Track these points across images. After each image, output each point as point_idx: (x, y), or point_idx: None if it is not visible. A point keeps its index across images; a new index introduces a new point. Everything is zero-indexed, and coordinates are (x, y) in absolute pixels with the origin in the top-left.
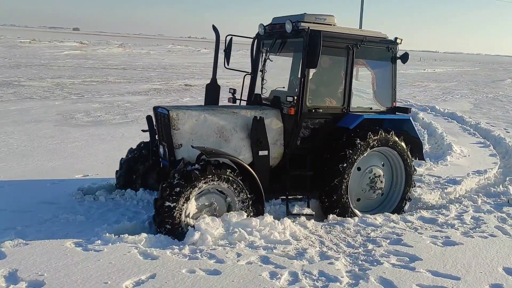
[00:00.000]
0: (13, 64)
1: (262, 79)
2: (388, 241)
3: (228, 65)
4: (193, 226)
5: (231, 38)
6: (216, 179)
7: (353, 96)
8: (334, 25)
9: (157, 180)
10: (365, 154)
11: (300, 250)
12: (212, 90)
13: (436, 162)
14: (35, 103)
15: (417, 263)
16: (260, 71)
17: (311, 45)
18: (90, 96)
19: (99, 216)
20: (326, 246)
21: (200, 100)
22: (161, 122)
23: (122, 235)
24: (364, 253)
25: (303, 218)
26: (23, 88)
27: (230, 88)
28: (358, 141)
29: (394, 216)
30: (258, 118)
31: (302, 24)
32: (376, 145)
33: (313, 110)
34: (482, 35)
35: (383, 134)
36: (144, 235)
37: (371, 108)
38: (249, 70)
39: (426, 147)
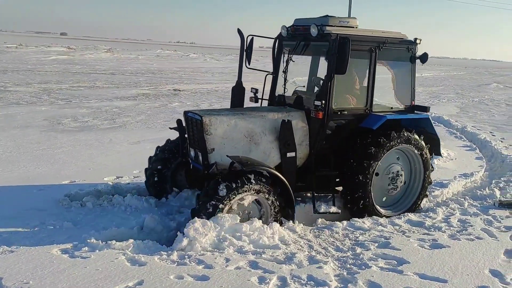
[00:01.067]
0: None
1: (285, 79)
2: (376, 244)
3: (249, 64)
4: (182, 232)
5: (252, 38)
6: (257, 189)
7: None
8: (356, 27)
9: (186, 180)
10: (388, 152)
11: (289, 255)
12: (238, 93)
13: None
14: (21, 108)
15: (405, 266)
16: (283, 71)
17: (341, 52)
18: (78, 101)
19: (87, 222)
20: (314, 250)
21: (189, 105)
22: (192, 126)
23: (110, 242)
24: (352, 256)
25: (291, 223)
26: (10, 93)
27: (252, 88)
28: (382, 140)
29: (382, 220)
30: (286, 121)
31: (327, 28)
32: (399, 143)
33: (339, 112)
34: (468, 40)
35: (405, 133)
36: (131, 241)
37: (391, 108)
38: (269, 70)
39: None
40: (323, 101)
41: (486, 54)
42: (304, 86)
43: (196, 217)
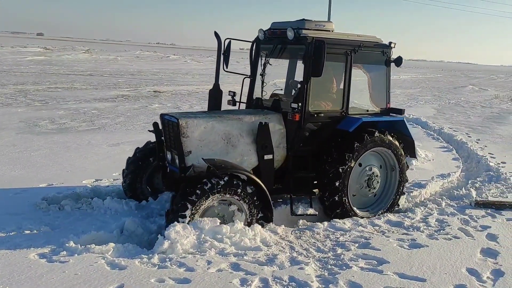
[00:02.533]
0: None
1: (262, 82)
2: (357, 245)
3: (227, 68)
4: (163, 235)
5: (230, 41)
6: (229, 191)
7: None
8: (332, 30)
9: (163, 183)
10: (363, 155)
11: (271, 256)
12: (215, 95)
13: None
14: None
15: (385, 266)
16: (260, 74)
17: (316, 55)
18: (55, 103)
19: (65, 226)
20: (296, 252)
21: (169, 106)
22: (169, 129)
23: (89, 246)
24: (333, 257)
25: (273, 225)
26: None
27: (229, 91)
28: (356, 144)
29: (362, 220)
30: (263, 123)
31: (304, 31)
32: (373, 146)
33: (315, 115)
34: (444, 42)
35: (378, 135)
36: (112, 245)
37: (367, 110)
38: (247, 74)
39: None
40: (300, 104)
41: (461, 57)
42: (281, 89)
43: (174, 221)
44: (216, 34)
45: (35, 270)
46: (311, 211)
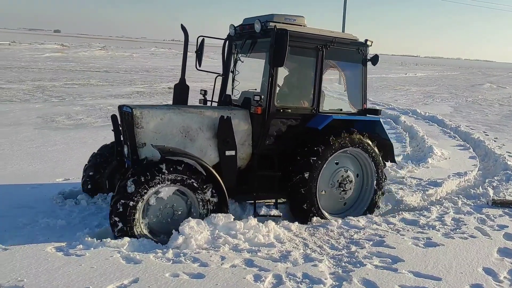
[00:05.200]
0: None
1: (233, 80)
2: (371, 242)
3: (200, 66)
4: (177, 230)
5: (203, 39)
6: (173, 179)
7: (328, 98)
8: (304, 26)
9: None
10: (333, 155)
11: (284, 253)
12: (181, 91)
13: (418, 165)
14: (14, 106)
15: (400, 264)
16: (231, 72)
17: (278, 44)
18: (72, 99)
19: (81, 220)
20: (310, 248)
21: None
22: (125, 120)
23: (104, 240)
24: (347, 255)
25: (286, 222)
26: (3, 91)
27: (201, 90)
28: (324, 142)
29: (377, 218)
30: (225, 117)
31: (271, 24)
32: (342, 145)
33: (281, 110)
34: (462, 40)
35: (347, 134)
36: (127, 239)
37: (341, 110)
38: (221, 72)
39: (408, 150)
40: (262, 96)
41: (479, 55)
42: (256, 89)
43: (117, 204)
44: (182, 28)
45: (52, 262)
46: (274, 212)
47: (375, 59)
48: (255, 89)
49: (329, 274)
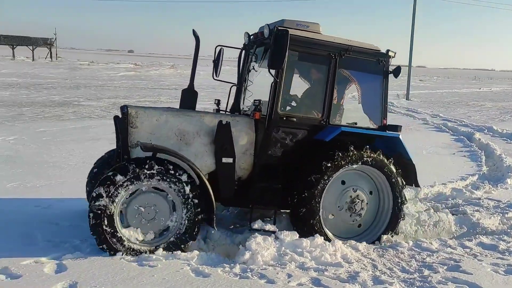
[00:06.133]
0: (73, 85)
1: (245, 90)
2: (446, 267)
3: (217, 76)
4: (244, 246)
5: (221, 49)
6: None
7: (351, 112)
8: (318, 33)
9: None
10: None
11: (352, 273)
12: (189, 96)
13: (495, 185)
14: (93, 122)
15: None
16: (244, 81)
17: (277, 44)
18: None
19: None
20: (379, 270)
21: None
22: (121, 119)
23: (175, 252)
24: (420, 279)
25: (353, 241)
26: (82, 107)
27: (215, 99)
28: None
29: (451, 241)
30: (224, 122)
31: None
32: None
33: (285, 118)
34: None
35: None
36: (196, 252)
37: (355, 123)
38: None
39: (484, 169)
40: (261, 100)
41: None
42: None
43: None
44: (194, 33)
45: (127, 272)
46: (269, 227)
47: (397, 71)
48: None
49: None
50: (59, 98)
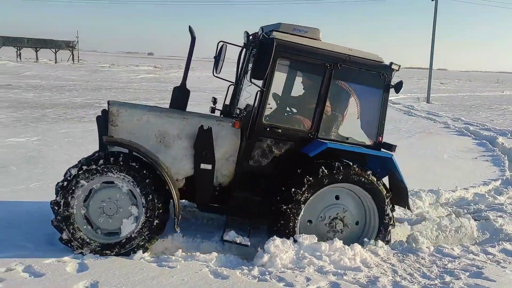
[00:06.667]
0: (94, 87)
1: (241, 90)
2: (468, 273)
3: (217, 72)
4: (262, 248)
5: (223, 45)
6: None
7: (351, 127)
8: (317, 39)
9: None
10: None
11: (372, 278)
12: (180, 94)
13: None
14: None
15: None
16: (239, 80)
17: (260, 53)
18: None
19: (173, 233)
20: (399, 276)
21: None
22: (102, 117)
23: (194, 253)
24: (441, 285)
25: (372, 246)
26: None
27: (212, 97)
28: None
29: (474, 247)
30: (206, 127)
31: (275, 33)
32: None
33: (268, 129)
34: None
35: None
36: (214, 254)
37: (347, 139)
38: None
39: (507, 174)
40: (241, 109)
41: None
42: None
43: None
44: (190, 30)
45: (147, 272)
46: (241, 239)
47: (398, 86)
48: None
49: None
50: (81, 100)
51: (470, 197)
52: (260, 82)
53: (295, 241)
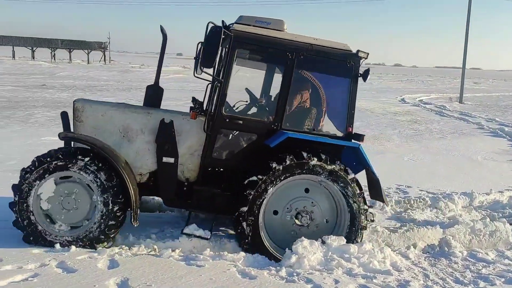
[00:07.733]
0: (125, 87)
1: (215, 87)
2: (503, 279)
3: (197, 73)
4: (290, 249)
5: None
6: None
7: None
8: (281, 31)
9: None
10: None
11: (402, 282)
12: (153, 93)
13: None
14: None
15: None
16: (215, 79)
17: (208, 42)
18: None
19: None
20: (431, 280)
21: None
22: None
23: (222, 252)
24: None
25: (403, 249)
26: None
27: (192, 97)
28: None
29: (509, 253)
30: (166, 121)
31: (235, 25)
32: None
33: (228, 120)
34: None
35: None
36: (242, 253)
37: (313, 130)
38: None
39: None
40: (198, 100)
41: None
42: (247, 101)
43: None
44: (162, 30)
45: (175, 271)
46: (200, 232)
47: (365, 74)
48: (246, 101)
49: None
50: (113, 100)
51: (505, 200)
52: (211, 71)
53: (323, 242)
